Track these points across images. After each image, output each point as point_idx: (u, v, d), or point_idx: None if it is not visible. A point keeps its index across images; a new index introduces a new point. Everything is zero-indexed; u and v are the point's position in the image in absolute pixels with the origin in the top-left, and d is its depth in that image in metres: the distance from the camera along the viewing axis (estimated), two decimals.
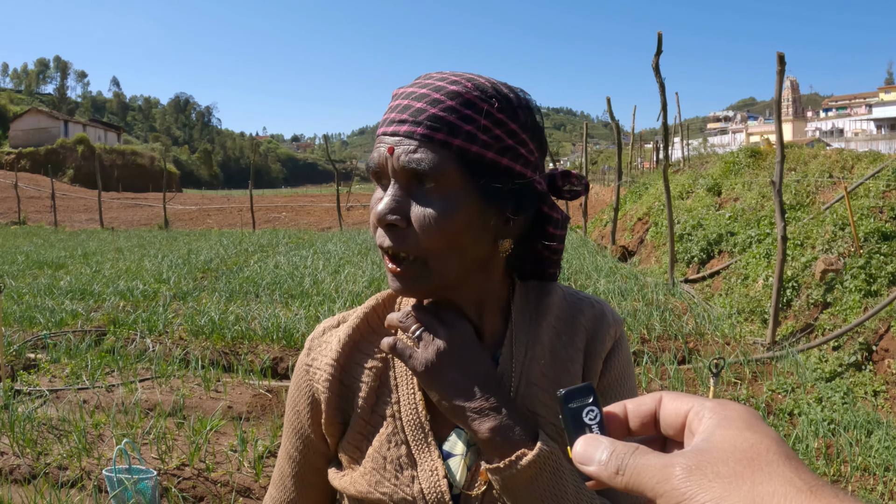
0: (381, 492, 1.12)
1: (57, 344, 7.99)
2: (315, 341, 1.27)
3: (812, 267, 8.99)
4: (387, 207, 1.05)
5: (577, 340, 1.20)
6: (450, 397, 1.07)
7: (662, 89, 10.27)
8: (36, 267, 15.07)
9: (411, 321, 1.12)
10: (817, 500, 0.51)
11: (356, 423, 1.19)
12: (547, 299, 1.24)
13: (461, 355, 1.09)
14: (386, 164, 1.07)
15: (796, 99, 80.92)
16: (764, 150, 15.72)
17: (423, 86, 1.07)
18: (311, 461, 1.27)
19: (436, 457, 1.13)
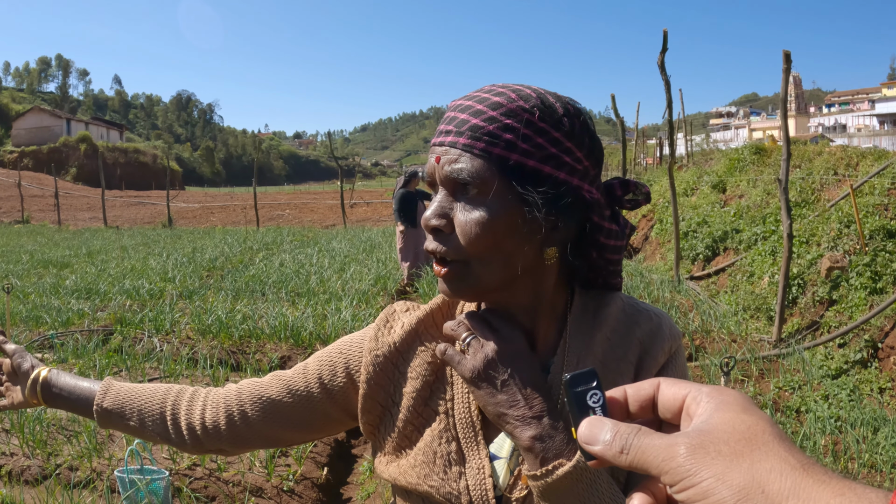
0: (429, 484, 1.17)
1: (64, 344, 7.99)
2: (389, 317, 1.34)
3: (818, 264, 9.00)
4: (433, 213, 1.11)
5: (629, 354, 1.20)
6: (494, 403, 1.10)
7: (668, 87, 10.25)
8: (41, 266, 15.08)
9: (462, 329, 1.17)
10: (810, 476, 0.56)
11: (408, 411, 1.23)
12: (605, 310, 1.24)
13: (508, 364, 1.12)
14: (434, 172, 1.13)
15: (799, 94, 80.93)
16: (769, 147, 15.71)
17: (471, 97, 1.12)
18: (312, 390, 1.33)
19: (484, 455, 1.17)
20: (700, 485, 0.58)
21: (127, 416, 1.42)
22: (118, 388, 1.46)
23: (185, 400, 1.42)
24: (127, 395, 1.44)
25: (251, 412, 1.36)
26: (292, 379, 1.36)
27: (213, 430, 1.38)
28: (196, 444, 1.40)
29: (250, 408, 1.36)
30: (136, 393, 1.44)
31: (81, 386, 1.50)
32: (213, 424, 1.38)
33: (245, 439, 1.39)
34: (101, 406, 1.44)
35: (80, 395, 1.48)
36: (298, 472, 4.62)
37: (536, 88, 1.14)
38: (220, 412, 1.38)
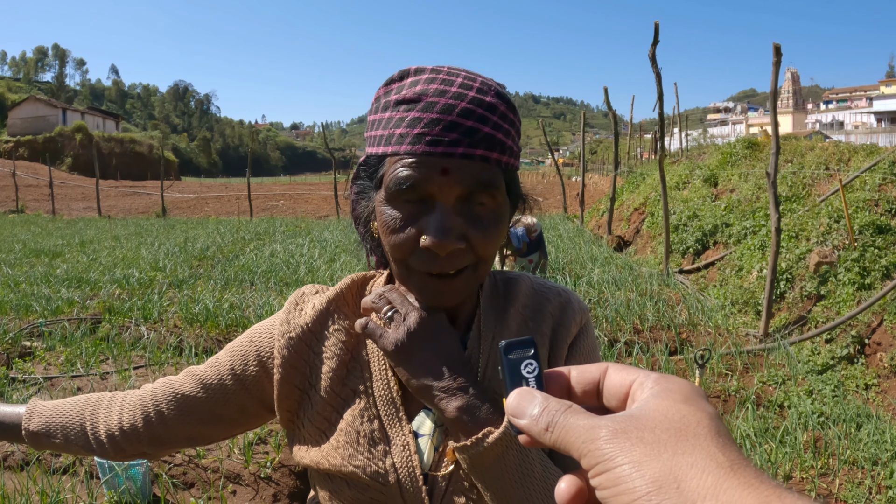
0: (354, 465, 1.15)
1: (52, 332, 7.99)
2: (296, 300, 1.31)
3: (806, 259, 9.01)
4: (450, 236, 1.05)
5: (543, 327, 1.24)
6: (418, 376, 1.09)
7: (659, 79, 10.24)
8: (33, 255, 15.05)
9: (383, 303, 1.15)
10: (736, 477, 0.51)
11: (326, 392, 1.21)
12: (515, 288, 1.28)
13: (431, 336, 1.11)
14: (432, 185, 1.06)
15: (797, 91, 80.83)
16: (761, 142, 15.72)
17: (456, 96, 1.07)
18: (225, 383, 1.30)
19: (407, 433, 1.16)
20: (614, 470, 0.54)
21: (52, 434, 1.38)
22: (41, 408, 1.41)
23: (102, 408, 1.38)
24: (50, 414, 1.39)
25: (167, 411, 1.33)
26: (205, 373, 1.32)
27: (131, 433, 1.34)
28: (117, 449, 1.36)
29: (166, 406, 1.33)
30: (58, 410, 1.40)
31: (7, 413, 1.43)
32: (131, 427, 1.34)
33: (164, 439, 1.35)
34: (29, 430, 1.39)
35: (7, 422, 1.42)
36: (276, 460, 4.63)
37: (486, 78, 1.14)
38: (137, 414, 1.34)
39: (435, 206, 1.07)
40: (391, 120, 1.09)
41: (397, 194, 1.08)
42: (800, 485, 4.26)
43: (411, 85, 1.09)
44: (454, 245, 1.05)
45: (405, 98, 1.08)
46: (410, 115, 1.07)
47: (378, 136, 1.12)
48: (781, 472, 4.37)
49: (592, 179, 32.01)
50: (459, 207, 1.07)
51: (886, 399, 6.24)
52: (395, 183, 1.07)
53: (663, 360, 6.50)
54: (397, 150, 1.07)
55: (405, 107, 1.08)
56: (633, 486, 0.52)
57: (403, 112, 1.08)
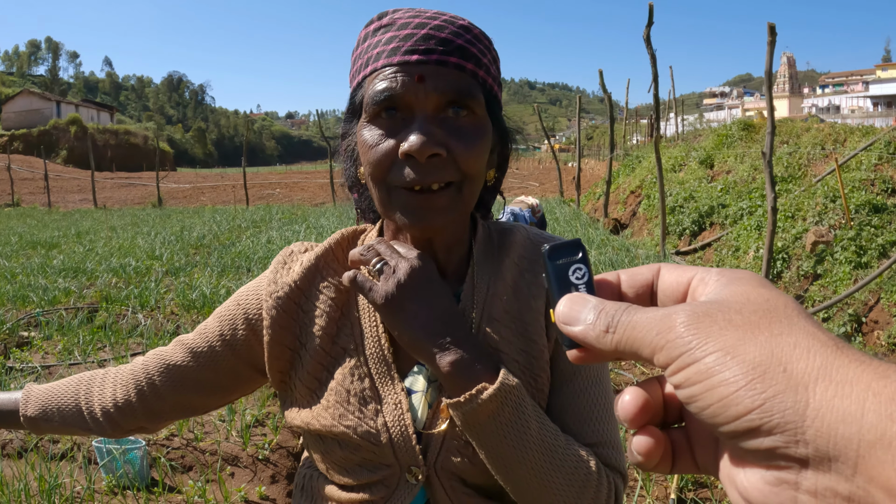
0: (344, 424, 1.12)
1: (49, 321, 7.98)
2: (283, 258, 1.28)
3: (803, 239, 9.01)
4: (429, 140, 1.02)
5: (540, 278, 1.19)
6: (410, 330, 1.06)
7: (654, 61, 10.23)
8: (29, 247, 15.03)
9: (372, 254, 1.11)
10: (845, 355, 0.43)
11: (316, 352, 1.18)
12: (510, 238, 1.24)
13: (422, 288, 1.07)
14: (408, 93, 1.05)
15: (793, 75, 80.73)
16: (757, 124, 15.70)
17: (430, 17, 1.09)
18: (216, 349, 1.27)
19: (399, 391, 1.13)
20: (703, 360, 0.45)
21: (49, 417, 1.36)
22: (37, 392, 1.39)
23: (95, 385, 1.35)
24: (46, 397, 1.37)
25: (159, 382, 1.30)
26: (194, 342, 1.29)
27: (126, 408, 1.32)
28: (114, 425, 1.34)
29: (158, 378, 1.30)
30: (53, 392, 1.37)
31: (3, 400, 1.41)
32: (125, 402, 1.31)
33: (159, 411, 1.32)
34: (26, 415, 1.37)
35: (4, 409, 1.40)
36: (274, 441, 4.63)
37: None
38: (130, 388, 1.32)
39: (414, 117, 1.06)
40: (369, 46, 1.11)
41: (376, 110, 1.07)
42: None
43: (387, 15, 1.12)
44: (433, 149, 1.02)
45: (382, 24, 1.10)
46: (387, 36, 1.08)
47: (359, 64, 1.13)
48: None
49: (588, 164, 32.02)
50: (439, 119, 1.06)
51: None
52: (372, 98, 1.06)
53: None
54: (374, 66, 1.08)
55: (382, 30, 1.10)
56: (730, 377, 0.44)
57: (380, 35, 1.09)
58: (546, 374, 1.16)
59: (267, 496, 4.11)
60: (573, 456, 1.08)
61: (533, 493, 1.06)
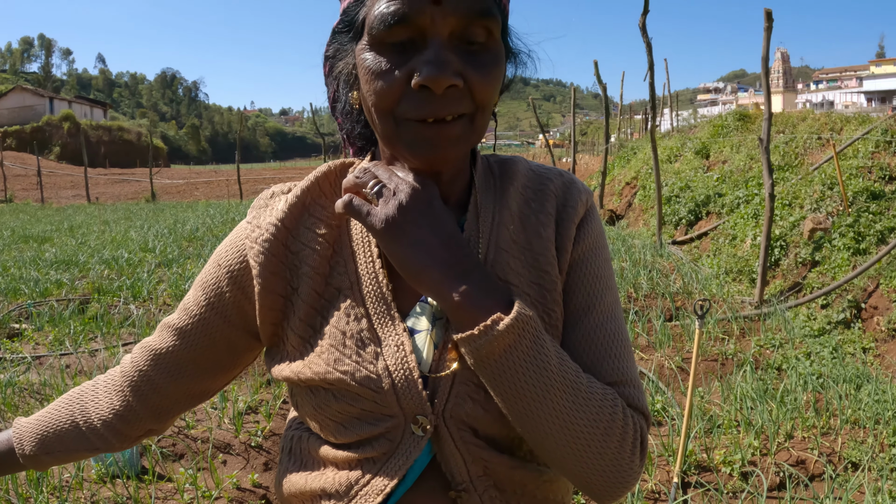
0: (340, 370, 1.00)
1: (41, 313, 7.91)
2: (261, 201, 1.14)
3: (800, 226, 8.97)
4: (446, 69, 0.91)
5: (547, 206, 1.10)
6: (413, 258, 0.95)
7: (649, 49, 10.16)
8: (22, 241, 14.96)
9: (369, 177, 1.01)
10: None
11: (308, 295, 1.06)
12: (511, 168, 1.14)
13: (426, 212, 0.97)
14: (423, 16, 0.92)
15: (787, 71, 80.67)
16: (752, 114, 15.71)
17: None
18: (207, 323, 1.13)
19: (401, 331, 1.02)
20: None
21: (50, 449, 1.22)
22: (28, 425, 1.24)
23: (88, 400, 1.21)
24: (40, 428, 1.22)
25: (155, 376, 1.17)
26: (180, 321, 1.16)
27: (128, 415, 1.19)
28: (121, 437, 1.22)
29: (152, 372, 1.17)
30: (46, 420, 1.23)
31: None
32: (125, 407, 1.19)
33: (164, 408, 1.20)
34: (24, 454, 1.23)
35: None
36: (267, 428, 4.56)
37: None
38: (126, 392, 1.19)
39: (427, 42, 0.93)
40: None
41: (383, 34, 0.94)
42: (802, 443, 4.20)
43: None
44: (451, 80, 0.91)
45: None
46: None
47: None
48: (783, 430, 4.31)
49: (583, 159, 31.97)
50: (454, 44, 0.94)
51: (885, 361, 6.20)
52: (379, 20, 0.93)
53: (659, 325, 6.45)
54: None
55: None
56: None
57: None
58: (560, 308, 1.07)
59: (260, 484, 4.04)
60: (597, 395, 0.98)
61: (555, 437, 0.96)
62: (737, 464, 3.96)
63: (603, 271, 1.11)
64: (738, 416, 4.55)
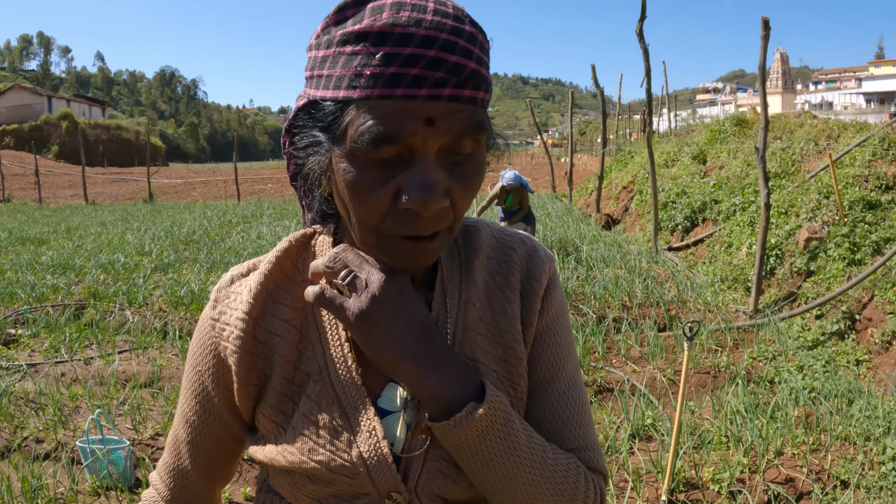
0: (315, 460, 1.00)
1: (37, 318, 7.92)
2: (222, 292, 1.10)
3: (796, 235, 8.98)
4: (436, 194, 0.89)
5: (512, 280, 1.10)
6: (387, 351, 0.95)
7: (646, 55, 10.18)
8: (19, 243, 14.96)
9: (340, 265, 0.98)
10: None
11: (278, 383, 1.05)
12: (475, 238, 1.13)
13: (397, 303, 0.97)
14: (413, 137, 0.88)
15: (786, 71, 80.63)
16: (750, 119, 15.71)
17: (435, 26, 0.88)
18: (210, 427, 1.13)
19: (372, 415, 1.02)
20: None
21: None
22: None
23: None
24: None
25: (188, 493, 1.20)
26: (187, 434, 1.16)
27: None
28: None
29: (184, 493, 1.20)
30: None
31: None
32: None
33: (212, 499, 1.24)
34: None
35: None
36: None
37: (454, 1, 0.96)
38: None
39: (414, 160, 0.90)
40: (354, 57, 0.89)
41: (369, 151, 0.89)
42: (792, 460, 4.21)
43: (374, 12, 0.89)
44: (441, 203, 0.90)
45: (372, 29, 0.87)
46: (382, 51, 0.87)
47: (335, 76, 0.91)
48: (773, 447, 4.32)
49: (581, 159, 31.96)
50: (441, 159, 0.92)
51: (877, 375, 6.22)
52: (368, 137, 0.88)
53: (652, 336, 6.47)
54: (368, 94, 0.88)
55: (373, 39, 0.87)
56: None
57: (371, 47, 0.88)
58: (525, 381, 1.09)
59: (251, 497, 4.05)
60: (562, 465, 1.03)
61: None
62: (725, 482, 3.96)
63: (564, 339, 1.14)
64: (727, 432, 4.57)
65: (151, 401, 5.52)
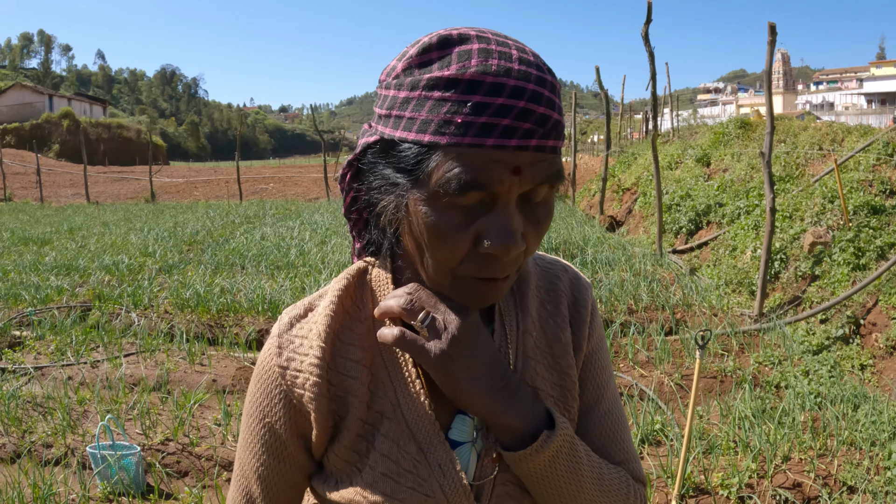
0: (398, 498, 1.02)
1: (42, 321, 7.92)
2: (284, 338, 1.09)
3: (800, 239, 8.98)
4: (516, 238, 0.91)
5: (561, 308, 1.17)
6: (466, 389, 0.99)
7: (652, 58, 10.19)
8: (21, 244, 14.96)
9: (418, 307, 1.00)
10: None
11: (353, 423, 1.05)
12: (524, 267, 1.12)
13: (472, 343, 1.00)
14: (499, 184, 0.89)
15: (787, 71, 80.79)
16: (754, 122, 15.68)
17: (524, 77, 0.89)
18: (287, 477, 1.12)
19: (448, 449, 1.04)
20: None
21: None
22: None
23: None
24: None
25: None
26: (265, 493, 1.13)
27: None
28: None
29: None
30: None
31: None
32: None
33: None
34: None
35: None
36: None
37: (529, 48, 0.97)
38: None
39: (495, 205, 0.92)
40: (443, 103, 0.89)
41: (455, 196, 0.90)
42: (799, 465, 4.23)
43: (461, 58, 0.89)
44: (520, 248, 0.92)
45: (463, 77, 0.88)
46: (474, 100, 0.87)
47: (420, 119, 0.91)
48: (780, 453, 4.33)
49: (582, 159, 31.91)
50: (520, 205, 0.93)
51: (882, 380, 6.22)
52: (456, 184, 0.88)
53: (659, 340, 6.48)
54: (458, 141, 0.88)
55: (464, 87, 0.88)
56: None
57: (461, 95, 0.88)
58: (577, 402, 1.16)
59: None
60: (615, 479, 1.12)
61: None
62: (734, 487, 3.98)
63: (606, 360, 1.23)
64: (736, 438, 4.58)
65: (160, 405, 5.53)
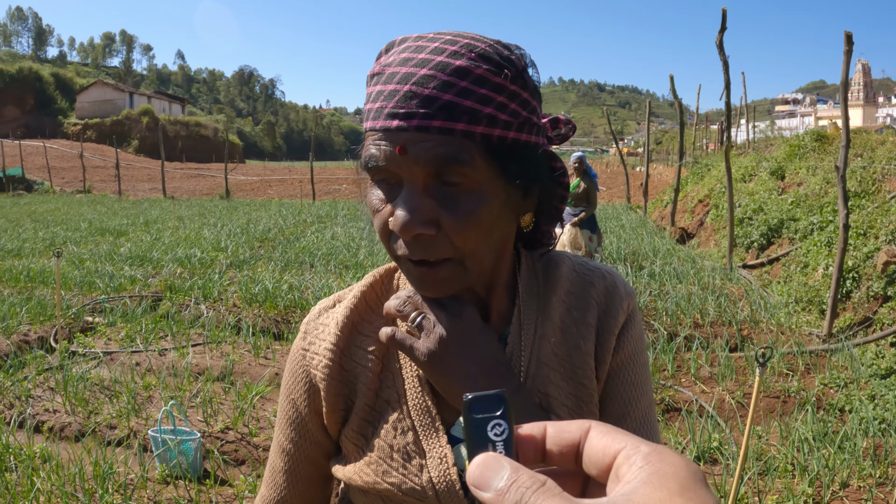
0: (388, 482, 1.07)
1: (114, 308, 8.15)
2: (311, 324, 1.19)
3: (874, 258, 8.75)
4: (412, 218, 0.93)
5: (588, 316, 1.13)
6: (455, 387, 1.01)
7: (726, 67, 10.04)
8: (98, 234, 15.41)
9: (410, 308, 1.04)
10: None
11: (360, 409, 1.12)
12: (555, 271, 1.16)
13: (465, 341, 1.02)
14: (392, 164, 0.94)
15: (867, 83, 78.79)
16: (830, 135, 15.31)
17: (419, 63, 0.93)
18: (307, 453, 1.20)
19: (444, 443, 1.07)
20: None
21: None
22: None
23: None
24: None
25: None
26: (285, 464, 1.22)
27: None
28: None
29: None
30: None
31: None
32: None
33: None
34: None
35: None
36: None
37: (483, 38, 0.98)
38: None
39: (402, 185, 0.97)
40: (369, 95, 0.99)
41: (372, 172, 0.99)
42: (857, 493, 4.12)
43: (382, 56, 1.00)
44: (418, 229, 0.93)
45: (375, 71, 0.98)
46: (377, 89, 0.96)
47: (364, 109, 1.03)
48: (839, 479, 4.23)
49: (657, 170, 31.62)
50: (431, 188, 0.95)
51: None
52: (367, 161, 0.98)
53: (723, 356, 6.37)
54: (368, 126, 0.98)
55: (375, 79, 0.98)
56: None
57: (373, 85, 0.98)
58: (596, 417, 1.11)
59: None
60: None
61: None
62: None
63: (639, 377, 1.15)
64: (794, 460, 4.48)
65: (223, 395, 5.65)
